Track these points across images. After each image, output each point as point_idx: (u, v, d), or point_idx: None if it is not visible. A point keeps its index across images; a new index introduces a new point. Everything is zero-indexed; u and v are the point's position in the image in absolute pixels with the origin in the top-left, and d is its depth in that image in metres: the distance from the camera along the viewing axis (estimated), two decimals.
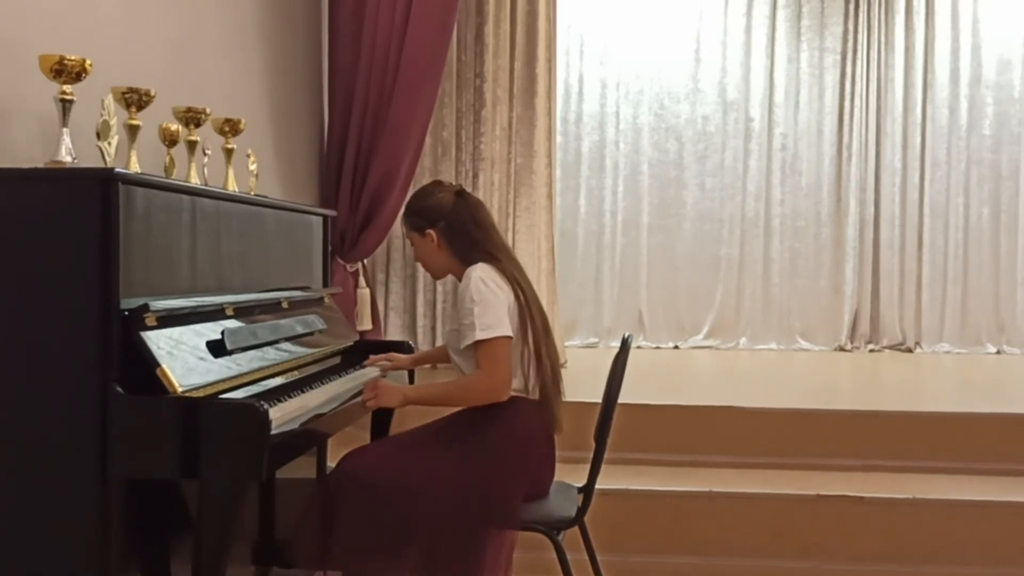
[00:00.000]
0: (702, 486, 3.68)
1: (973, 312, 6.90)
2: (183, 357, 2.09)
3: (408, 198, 2.86)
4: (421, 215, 2.72)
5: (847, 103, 6.97)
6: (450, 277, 2.78)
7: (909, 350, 6.86)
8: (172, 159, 2.68)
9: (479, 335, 2.51)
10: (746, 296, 7.00)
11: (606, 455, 2.68)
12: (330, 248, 3.58)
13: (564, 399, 2.69)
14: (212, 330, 2.26)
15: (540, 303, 2.69)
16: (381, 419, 3.26)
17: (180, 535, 2.29)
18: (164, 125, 2.66)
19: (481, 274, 2.57)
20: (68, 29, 2.53)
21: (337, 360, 3.03)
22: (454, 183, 2.93)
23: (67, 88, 2.16)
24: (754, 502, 3.61)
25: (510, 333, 2.54)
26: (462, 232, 2.67)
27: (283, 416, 2.19)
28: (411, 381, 3.24)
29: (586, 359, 5.77)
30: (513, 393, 2.59)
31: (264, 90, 3.97)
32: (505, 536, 2.72)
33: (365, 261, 4.69)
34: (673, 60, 7.01)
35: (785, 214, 7.02)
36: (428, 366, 3.59)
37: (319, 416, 2.41)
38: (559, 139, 6.33)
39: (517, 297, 2.59)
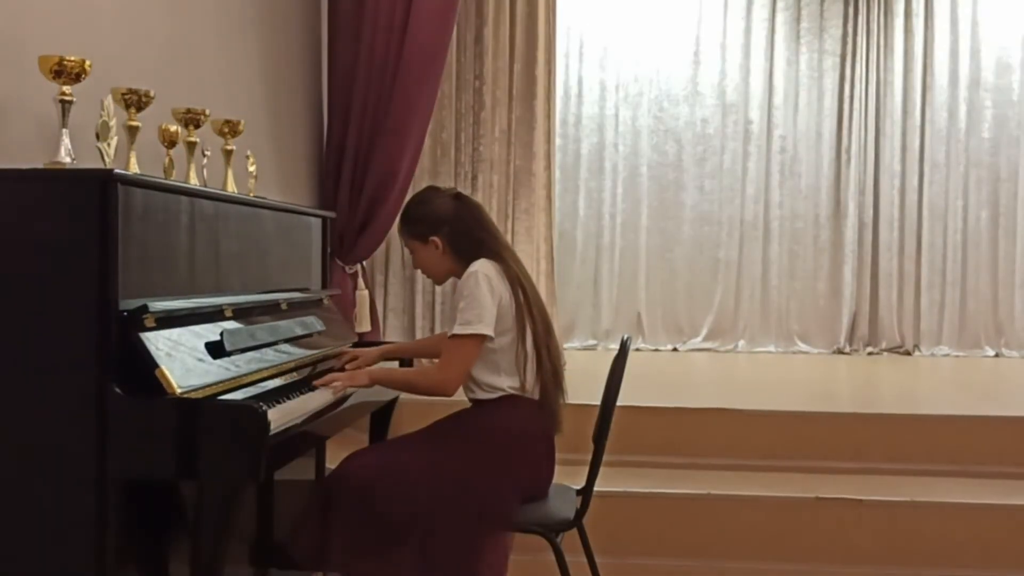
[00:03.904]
0: (700, 488, 3.68)
1: (972, 315, 6.90)
2: (182, 358, 2.09)
3: (404, 207, 2.81)
4: (423, 222, 2.69)
5: (846, 106, 6.98)
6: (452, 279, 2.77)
7: (908, 353, 6.86)
8: (171, 160, 2.67)
9: (455, 329, 2.54)
10: (745, 298, 7.00)
11: (605, 457, 2.69)
12: (329, 249, 3.58)
13: (566, 400, 2.69)
14: (211, 331, 2.26)
15: (542, 303, 2.68)
16: (379, 421, 3.26)
17: (178, 536, 2.29)
18: (163, 126, 2.65)
19: (481, 270, 2.57)
20: (68, 29, 2.52)
21: (336, 362, 3.02)
22: (449, 187, 2.88)
23: (66, 89, 2.16)
24: (752, 505, 3.61)
25: (487, 332, 2.53)
26: (467, 235, 2.66)
27: (282, 417, 2.19)
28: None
29: (585, 361, 5.76)
30: (511, 392, 2.60)
31: (263, 91, 3.96)
32: (502, 537, 2.71)
33: (364, 263, 4.68)
34: (672, 62, 7.01)
35: (784, 216, 7.03)
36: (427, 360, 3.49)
37: (317, 418, 2.41)
38: (558, 141, 6.32)
39: (516, 296, 2.58)
